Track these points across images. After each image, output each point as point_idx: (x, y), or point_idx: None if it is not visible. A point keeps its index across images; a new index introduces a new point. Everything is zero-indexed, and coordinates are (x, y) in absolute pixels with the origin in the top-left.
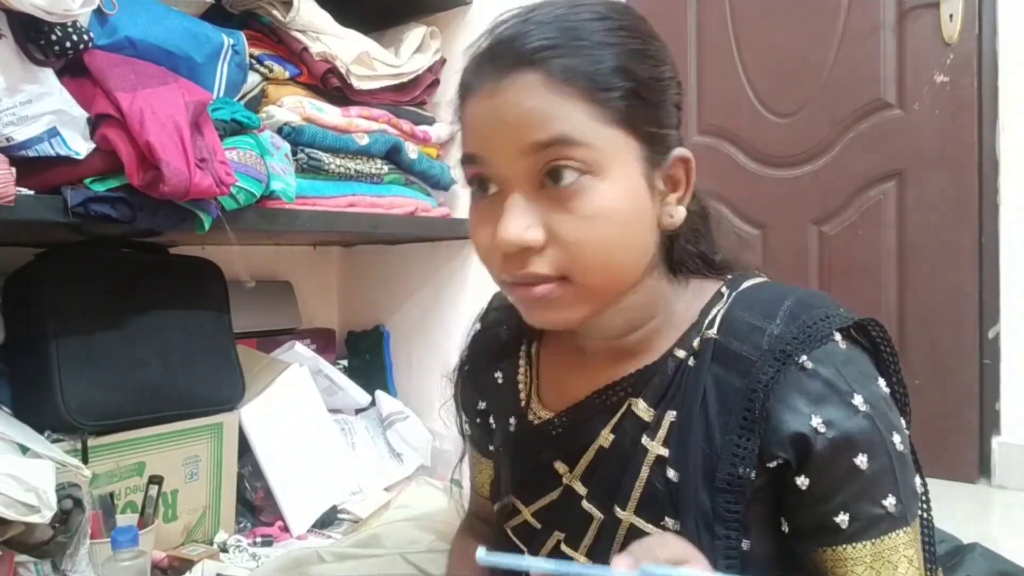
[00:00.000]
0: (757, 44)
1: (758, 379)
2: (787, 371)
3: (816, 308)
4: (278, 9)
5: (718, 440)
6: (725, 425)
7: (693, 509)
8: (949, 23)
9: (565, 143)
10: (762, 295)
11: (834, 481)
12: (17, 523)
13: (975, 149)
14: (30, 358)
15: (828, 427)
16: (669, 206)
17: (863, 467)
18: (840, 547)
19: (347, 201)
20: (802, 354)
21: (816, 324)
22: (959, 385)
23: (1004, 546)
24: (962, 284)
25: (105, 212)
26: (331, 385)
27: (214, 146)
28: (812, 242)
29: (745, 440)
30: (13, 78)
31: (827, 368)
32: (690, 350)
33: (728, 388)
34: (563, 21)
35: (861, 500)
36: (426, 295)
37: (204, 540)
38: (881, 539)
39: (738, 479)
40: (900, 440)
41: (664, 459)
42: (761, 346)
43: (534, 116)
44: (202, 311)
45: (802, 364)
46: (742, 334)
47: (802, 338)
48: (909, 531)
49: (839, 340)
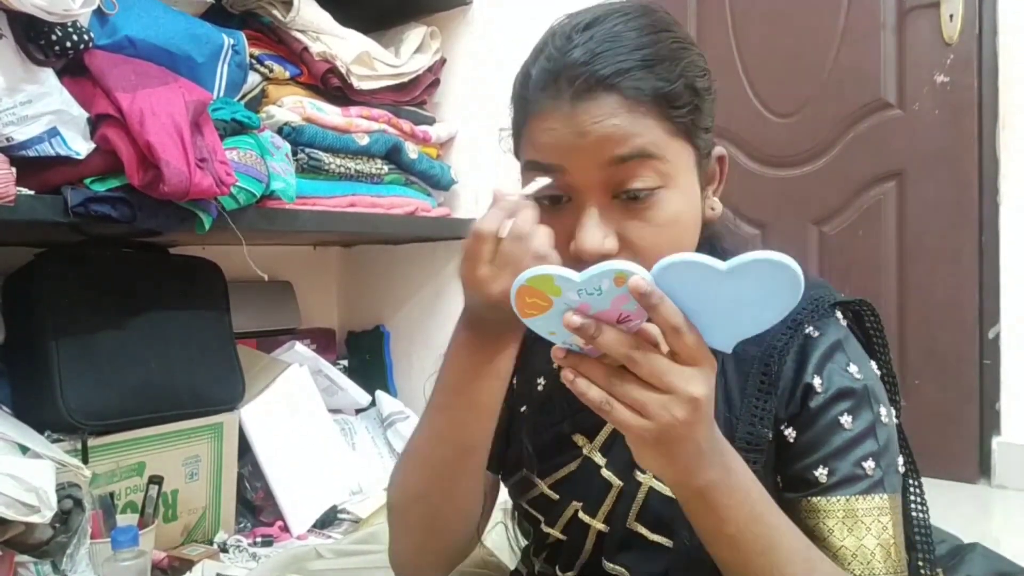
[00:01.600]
0: (757, 44)
1: (773, 345)
2: (797, 338)
3: (820, 286)
4: (278, 9)
5: (737, 404)
6: (743, 389)
7: None
8: (949, 23)
9: (644, 156)
10: None
11: (818, 434)
12: (17, 523)
13: (975, 149)
14: (30, 358)
15: (824, 385)
16: (709, 199)
17: (847, 425)
18: (815, 498)
19: (347, 201)
20: (809, 324)
21: (821, 298)
22: (959, 385)
23: (1004, 546)
24: (962, 284)
25: (105, 212)
26: (331, 385)
27: (214, 146)
28: (812, 242)
29: (763, 401)
30: (13, 78)
31: (830, 338)
32: None
33: (745, 357)
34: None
35: (840, 456)
36: (426, 295)
37: (204, 540)
38: (856, 497)
39: (757, 438)
40: (886, 413)
41: None
42: None
43: (616, 133)
44: (202, 311)
45: (809, 332)
46: None
47: (810, 309)
48: (886, 498)
49: (839, 316)
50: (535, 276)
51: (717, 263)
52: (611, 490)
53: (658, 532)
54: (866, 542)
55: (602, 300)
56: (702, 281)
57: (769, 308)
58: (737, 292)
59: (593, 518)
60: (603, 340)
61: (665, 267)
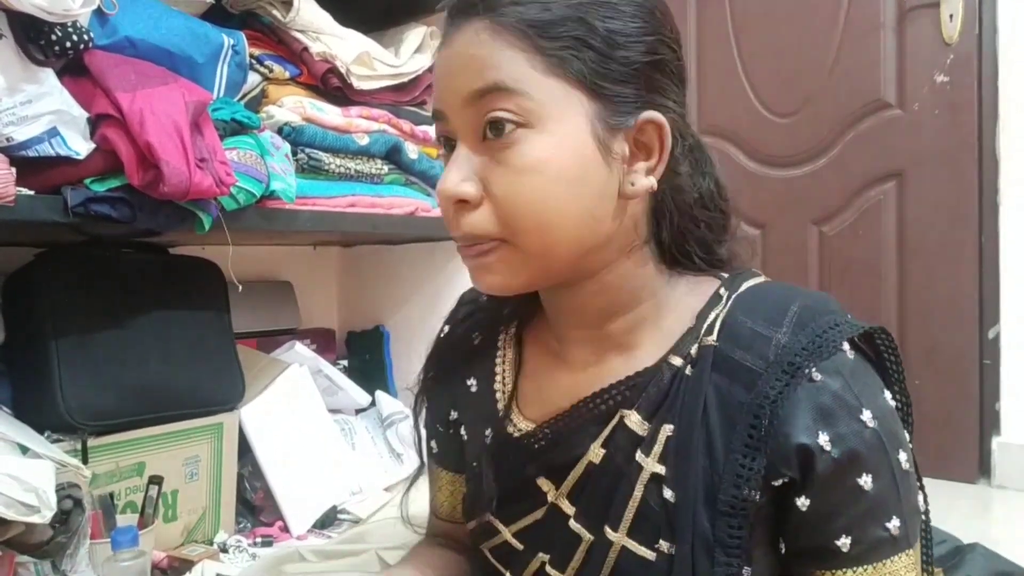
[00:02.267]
0: (757, 44)
1: (765, 393)
2: (795, 385)
3: (824, 315)
4: (278, 9)
5: (721, 458)
6: (728, 442)
7: (691, 532)
8: (949, 23)
9: (500, 91)
10: (765, 299)
11: (837, 502)
12: (17, 523)
13: (975, 149)
14: (30, 358)
15: (834, 444)
16: (635, 174)
17: (867, 488)
18: (840, 571)
19: (347, 201)
20: (811, 366)
21: (825, 333)
22: (959, 385)
23: (1004, 546)
24: (962, 284)
25: (105, 212)
26: (331, 385)
27: (214, 146)
28: (812, 242)
29: (750, 460)
30: (13, 78)
31: (836, 381)
32: (687, 358)
33: (731, 401)
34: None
35: (864, 522)
36: (426, 295)
37: (204, 540)
38: (883, 563)
39: (742, 501)
40: (906, 458)
41: (660, 477)
42: (767, 357)
43: (474, 64)
44: (202, 311)
45: (811, 376)
46: (745, 342)
47: (811, 349)
48: (911, 553)
49: (847, 350)
50: None
51: None
52: (580, 544)
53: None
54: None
55: None
56: None
57: None
58: None
59: (562, 573)
60: None
61: None
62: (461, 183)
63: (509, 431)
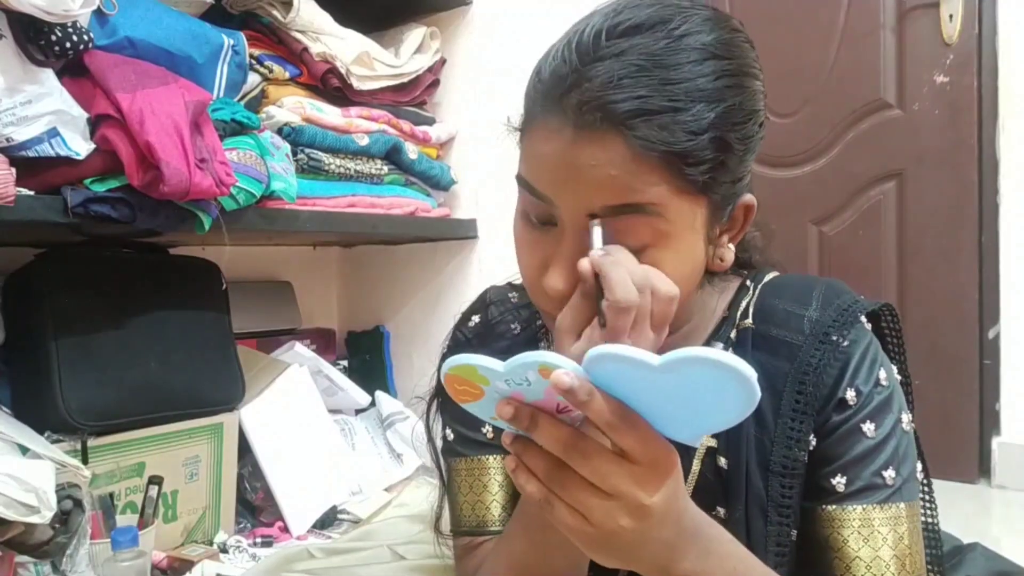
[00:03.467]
0: (757, 44)
1: (807, 362)
2: (831, 352)
3: (844, 294)
4: (278, 9)
5: (770, 424)
6: (776, 409)
7: (745, 494)
8: (949, 23)
9: (638, 214)
10: (790, 284)
11: (839, 442)
12: (17, 523)
13: (975, 149)
14: (30, 358)
15: (856, 398)
16: (721, 248)
17: (869, 434)
18: (831, 507)
19: (347, 201)
20: (837, 334)
21: (848, 308)
22: (959, 385)
23: (1004, 546)
24: (962, 284)
25: (105, 212)
26: (331, 385)
27: (214, 146)
28: (812, 242)
29: (799, 423)
30: (13, 78)
31: (859, 346)
32: (727, 341)
33: (775, 372)
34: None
35: (860, 465)
36: (426, 295)
37: (204, 540)
38: (874, 507)
39: (794, 461)
40: (908, 420)
41: (714, 449)
42: (803, 330)
43: (614, 183)
44: (202, 311)
45: (840, 344)
46: (780, 320)
47: (841, 320)
48: (903, 507)
49: (864, 321)
50: (458, 366)
51: (650, 357)
52: None
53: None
54: (882, 553)
55: (534, 391)
56: (636, 376)
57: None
58: (677, 389)
59: None
60: (539, 435)
61: (594, 359)
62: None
63: None
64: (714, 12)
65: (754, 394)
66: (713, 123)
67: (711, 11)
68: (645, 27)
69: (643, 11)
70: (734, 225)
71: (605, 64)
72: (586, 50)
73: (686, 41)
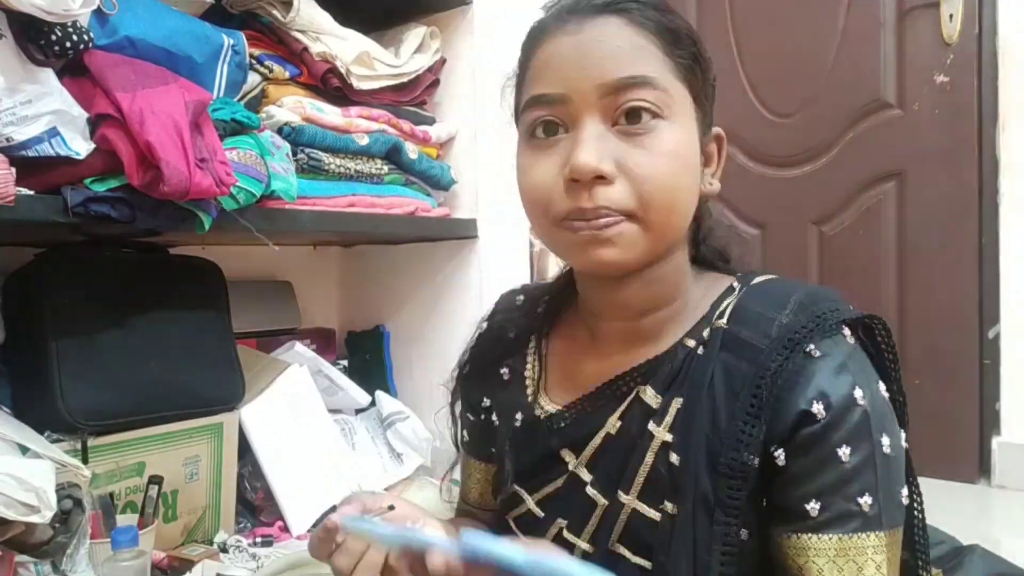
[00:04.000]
0: (757, 44)
1: (766, 366)
2: (795, 358)
3: (826, 300)
4: (278, 9)
5: (724, 425)
6: (731, 411)
7: (693, 492)
8: (949, 23)
9: (646, 84)
10: (773, 288)
11: (812, 464)
12: (17, 523)
13: (975, 149)
14: (30, 358)
15: (824, 411)
16: (707, 176)
17: (844, 458)
18: (805, 535)
19: (347, 201)
20: (810, 343)
21: (825, 315)
22: (959, 385)
23: (1004, 546)
24: (962, 284)
25: (105, 212)
26: (331, 385)
27: (214, 146)
28: (812, 242)
29: (750, 427)
30: (13, 78)
31: (834, 358)
32: (700, 339)
33: (736, 374)
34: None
35: (835, 492)
36: (426, 295)
37: (204, 540)
38: (849, 536)
39: (741, 464)
40: (890, 444)
41: (669, 444)
42: (770, 334)
43: (620, 55)
44: (202, 311)
45: (809, 352)
46: (751, 323)
47: (811, 327)
48: (883, 536)
49: (847, 334)
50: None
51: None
52: (596, 509)
53: (639, 555)
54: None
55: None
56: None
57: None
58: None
59: (578, 537)
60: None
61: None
62: (602, 160)
63: (537, 413)
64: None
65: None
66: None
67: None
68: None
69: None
70: (711, 157)
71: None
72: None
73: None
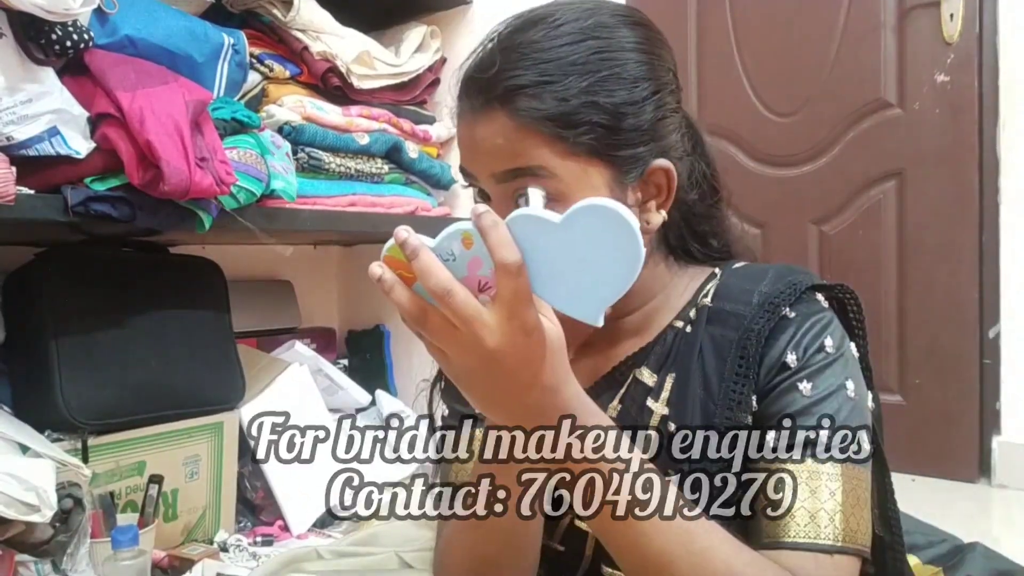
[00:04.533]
0: (757, 44)
1: (750, 329)
2: (774, 319)
3: (798, 272)
4: (278, 8)
5: (715, 389)
6: (721, 374)
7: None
8: (949, 23)
9: (531, 175)
10: (752, 268)
11: (776, 399)
12: (17, 522)
13: (975, 149)
14: (30, 358)
15: (797, 359)
16: (648, 213)
17: (806, 392)
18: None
19: (347, 200)
20: (786, 306)
21: (798, 282)
22: (959, 385)
23: (1004, 546)
24: (962, 284)
25: (105, 211)
26: (331, 384)
27: (214, 145)
28: (812, 242)
29: (741, 386)
30: (13, 77)
31: (807, 317)
32: (687, 319)
33: (723, 342)
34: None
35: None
36: None
37: (204, 539)
38: (804, 462)
39: (735, 424)
40: (855, 391)
41: (667, 416)
42: (752, 302)
43: (499, 151)
44: (202, 311)
45: (785, 314)
46: (734, 296)
47: (787, 292)
48: (839, 468)
49: (820, 298)
50: (392, 247)
51: (552, 216)
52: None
53: None
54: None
55: (458, 266)
56: (544, 236)
57: (614, 261)
58: (577, 246)
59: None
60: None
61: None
62: None
63: None
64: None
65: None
66: (585, 90)
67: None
68: (535, 22)
69: (535, 13)
70: (658, 191)
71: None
72: (484, 48)
73: (562, 28)
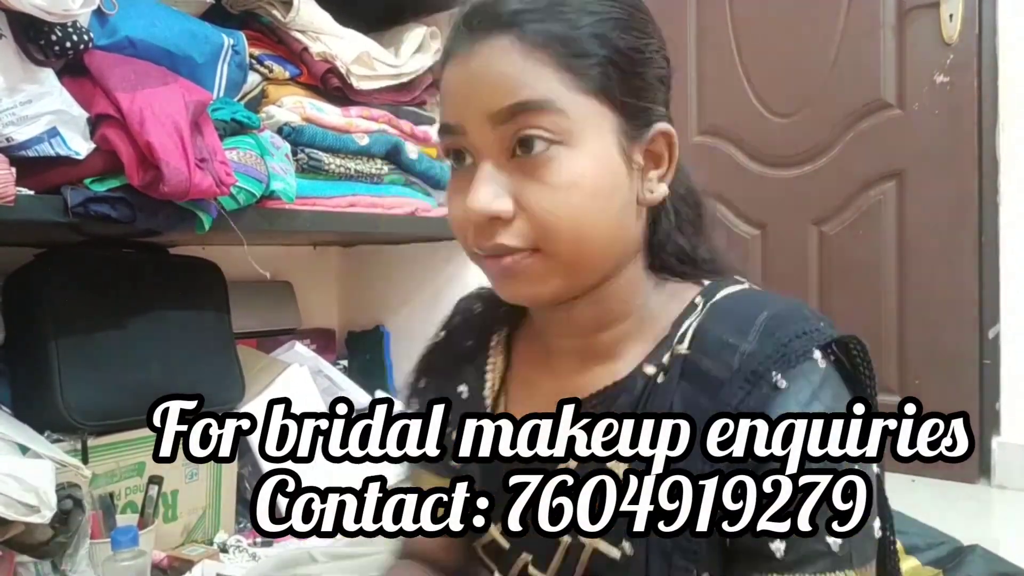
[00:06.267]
0: (757, 44)
1: (726, 403)
2: (758, 392)
3: (793, 323)
4: (278, 9)
5: None
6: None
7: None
8: (949, 23)
9: (535, 109)
10: (736, 307)
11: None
12: (17, 523)
13: (975, 149)
14: (30, 358)
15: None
16: (650, 182)
17: None
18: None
19: (347, 201)
20: (776, 373)
21: (792, 341)
22: (959, 385)
23: (1004, 547)
24: (962, 284)
25: (105, 212)
26: (331, 385)
27: (214, 146)
28: (812, 242)
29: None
30: (13, 78)
31: (804, 389)
32: (660, 366)
33: (695, 410)
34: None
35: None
36: (426, 295)
37: (204, 540)
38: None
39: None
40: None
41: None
42: (732, 365)
43: (505, 81)
44: (202, 311)
45: (775, 384)
46: (713, 351)
47: (776, 357)
48: (852, 574)
49: (818, 358)
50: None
51: None
52: (560, 545)
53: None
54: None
55: None
56: None
57: None
58: None
59: (543, 573)
60: None
61: None
62: (495, 200)
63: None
64: None
65: None
66: (596, 24)
67: None
68: None
69: None
70: (659, 158)
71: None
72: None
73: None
